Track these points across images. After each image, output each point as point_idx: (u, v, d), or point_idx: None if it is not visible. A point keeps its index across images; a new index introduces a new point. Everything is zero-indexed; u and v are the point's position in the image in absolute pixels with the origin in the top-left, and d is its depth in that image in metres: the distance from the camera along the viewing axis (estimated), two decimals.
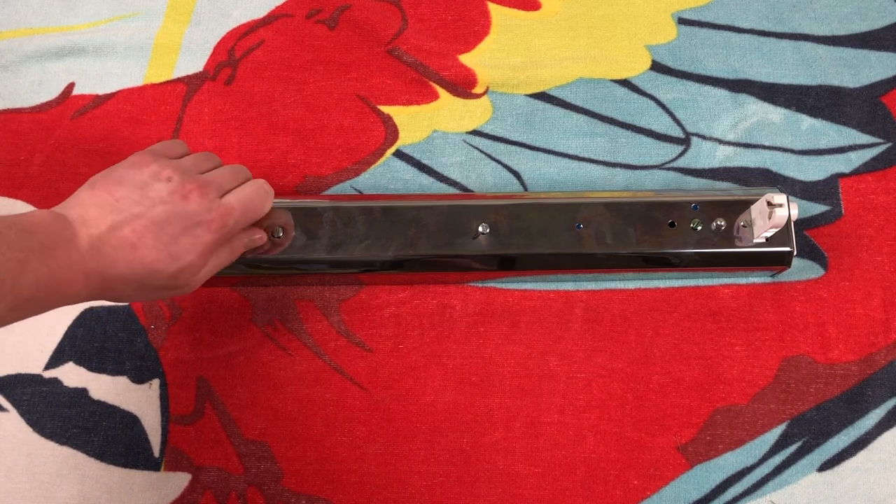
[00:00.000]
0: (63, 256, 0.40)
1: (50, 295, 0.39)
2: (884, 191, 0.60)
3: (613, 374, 0.56)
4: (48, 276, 0.39)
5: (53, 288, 0.39)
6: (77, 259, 0.40)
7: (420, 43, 0.64)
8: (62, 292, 0.40)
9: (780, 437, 0.54)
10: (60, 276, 0.39)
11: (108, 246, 0.41)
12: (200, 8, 0.66)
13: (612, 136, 0.62)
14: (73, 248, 0.40)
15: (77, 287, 0.40)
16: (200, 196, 0.45)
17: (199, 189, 0.45)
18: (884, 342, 0.56)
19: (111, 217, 0.42)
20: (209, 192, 0.45)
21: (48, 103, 0.63)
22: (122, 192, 0.43)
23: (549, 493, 0.54)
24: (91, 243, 0.41)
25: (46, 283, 0.39)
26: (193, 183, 0.45)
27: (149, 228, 0.42)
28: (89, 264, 0.41)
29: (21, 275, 0.37)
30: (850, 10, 0.65)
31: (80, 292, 0.41)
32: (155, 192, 0.44)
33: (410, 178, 0.61)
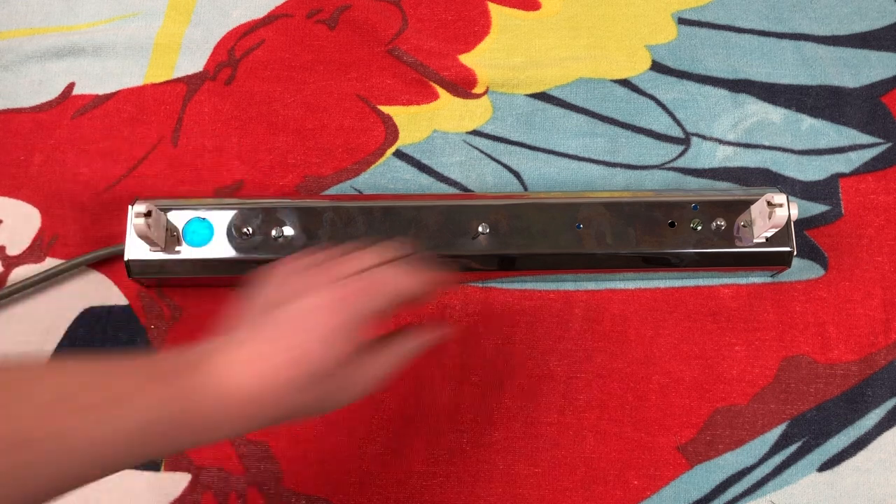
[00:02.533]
0: (192, 380, 0.35)
1: (194, 419, 0.35)
2: (884, 191, 0.60)
3: (613, 374, 0.56)
4: (184, 400, 0.34)
5: (198, 412, 0.35)
6: (209, 382, 0.35)
7: (420, 43, 0.64)
8: (218, 417, 0.35)
9: (780, 437, 0.54)
10: (195, 400, 0.35)
11: (237, 363, 0.36)
12: (200, 8, 0.66)
13: (612, 136, 0.62)
14: (202, 373, 0.35)
15: (231, 410, 0.35)
16: (324, 281, 0.39)
17: (324, 274, 0.39)
18: (884, 342, 0.56)
19: (251, 334, 0.37)
20: (333, 273, 0.39)
21: (48, 103, 0.63)
22: (260, 303, 0.39)
23: (549, 493, 0.54)
24: (225, 365, 0.36)
25: (183, 407, 0.34)
26: (315, 269, 0.40)
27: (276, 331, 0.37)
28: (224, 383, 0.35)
29: (143, 396, 0.33)
30: (850, 10, 0.65)
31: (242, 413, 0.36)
32: (283, 291, 0.39)
33: (410, 178, 0.61)
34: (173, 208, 0.55)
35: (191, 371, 0.34)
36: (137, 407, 0.32)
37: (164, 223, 0.54)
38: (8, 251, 0.59)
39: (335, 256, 0.42)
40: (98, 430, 0.31)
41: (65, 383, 0.32)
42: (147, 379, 0.33)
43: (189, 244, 0.55)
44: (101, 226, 0.60)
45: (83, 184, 0.61)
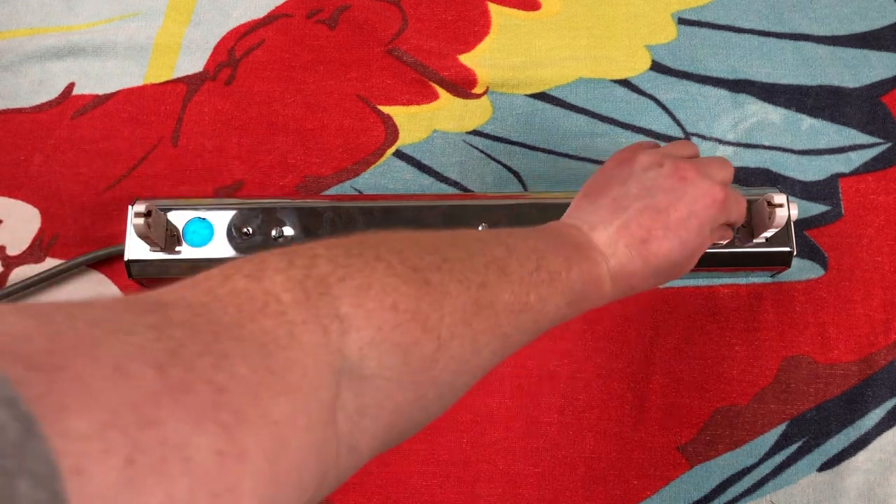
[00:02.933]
0: (591, 257, 0.40)
1: (589, 293, 0.39)
2: (884, 191, 0.60)
3: (613, 374, 0.56)
4: (587, 274, 0.39)
5: (592, 286, 0.39)
6: (601, 260, 0.40)
7: (420, 43, 0.64)
8: (598, 292, 0.40)
9: (780, 437, 0.54)
10: (594, 275, 0.39)
11: (620, 245, 0.41)
12: (200, 8, 0.66)
13: (612, 136, 0.62)
14: (595, 251, 0.40)
15: (606, 287, 0.40)
16: (698, 175, 0.42)
17: (694, 167, 0.43)
18: (884, 342, 0.56)
19: (615, 217, 0.41)
20: (705, 172, 0.43)
21: (48, 103, 0.63)
22: (617, 191, 0.42)
23: (549, 493, 0.54)
24: (606, 245, 0.41)
25: (587, 280, 0.39)
26: (687, 163, 0.43)
27: (655, 219, 0.41)
28: (610, 264, 0.40)
29: (569, 271, 0.38)
30: (850, 10, 0.65)
31: (608, 293, 0.41)
32: (651, 180, 0.42)
33: (410, 178, 0.61)
34: (173, 208, 0.55)
35: (593, 255, 0.40)
36: (568, 283, 0.37)
37: (164, 223, 0.54)
38: (8, 251, 0.59)
39: (685, 152, 0.47)
40: (554, 301, 0.36)
41: (525, 257, 0.36)
42: (565, 303, 0.37)
43: (189, 244, 0.55)
44: (101, 226, 0.60)
45: (83, 184, 0.61)
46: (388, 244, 0.32)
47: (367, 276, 0.29)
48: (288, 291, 0.27)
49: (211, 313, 0.24)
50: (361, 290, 0.29)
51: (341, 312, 0.28)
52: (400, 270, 0.30)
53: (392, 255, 0.31)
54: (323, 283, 0.28)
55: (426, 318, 0.30)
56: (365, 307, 0.28)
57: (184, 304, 0.24)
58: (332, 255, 0.29)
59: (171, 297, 0.25)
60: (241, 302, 0.25)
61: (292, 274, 0.27)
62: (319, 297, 0.27)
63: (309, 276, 0.28)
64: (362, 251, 0.31)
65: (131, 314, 0.22)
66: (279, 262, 0.28)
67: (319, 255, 0.29)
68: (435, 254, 0.33)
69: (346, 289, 0.28)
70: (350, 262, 0.29)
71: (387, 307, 0.29)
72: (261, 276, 0.27)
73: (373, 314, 0.29)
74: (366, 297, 0.29)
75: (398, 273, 0.30)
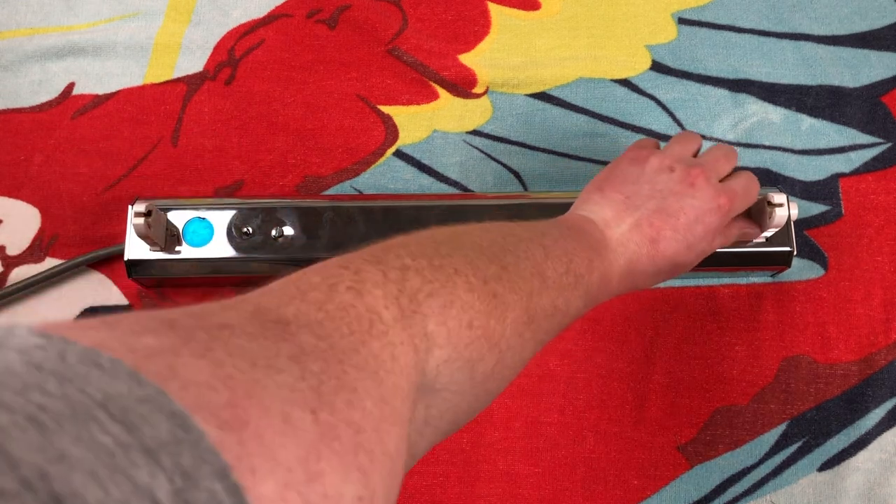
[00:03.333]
0: (606, 257, 0.41)
1: (601, 291, 0.40)
2: (884, 191, 0.60)
3: (613, 374, 0.56)
4: (602, 275, 0.40)
5: (604, 284, 0.40)
6: (613, 259, 0.41)
7: (420, 43, 0.64)
8: (606, 289, 0.41)
9: (780, 437, 0.54)
10: (607, 274, 0.41)
11: (631, 243, 0.42)
12: (200, 8, 0.66)
13: (612, 136, 0.62)
14: (609, 249, 0.42)
15: (613, 284, 0.41)
16: (706, 182, 0.44)
17: (703, 174, 0.44)
18: (884, 342, 0.56)
19: (628, 215, 0.43)
20: (712, 176, 0.45)
21: (48, 103, 0.63)
22: (630, 189, 0.44)
23: (549, 493, 0.54)
24: (618, 243, 0.42)
25: (601, 280, 0.40)
26: (697, 169, 0.45)
27: (665, 221, 0.43)
28: (620, 262, 0.42)
29: (591, 273, 0.39)
30: (850, 10, 0.65)
31: (614, 289, 0.42)
32: (662, 183, 0.44)
33: (410, 178, 0.61)
34: (173, 208, 0.55)
35: (607, 253, 0.41)
36: (588, 284, 0.39)
37: (164, 223, 0.54)
38: (8, 251, 0.59)
39: (691, 148, 0.48)
40: (576, 303, 0.38)
41: (558, 259, 0.37)
42: (583, 304, 0.39)
43: (189, 244, 0.55)
44: (101, 226, 0.60)
45: (83, 184, 0.61)
46: (462, 252, 0.33)
47: (449, 293, 0.31)
48: (387, 308, 0.28)
49: (330, 336, 0.25)
50: (445, 308, 0.30)
51: (428, 331, 0.29)
52: (475, 285, 0.32)
53: (467, 266, 0.32)
54: (414, 301, 0.29)
55: (493, 333, 0.32)
56: (447, 325, 0.30)
57: (304, 324, 0.25)
58: (419, 266, 0.31)
59: (289, 312, 0.25)
60: (351, 321, 0.26)
61: (389, 290, 0.28)
62: (412, 315, 0.29)
63: (403, 291, 0.29)
64: (442, 263, 0.32)
65: (268, 340, 0.23)
66: (375, 273, 0.29)
67: (408, 266, 0.30)
68: (496, 262, 0.34)
69: (433, 307, 0.30)
70: (435, 277, 0.31)
71: (464, 325, 0.30)
72: (361, 289, 0.28)
73: (453, 333, 0.30)
74: (448, 315, 0.30)
75: (474, 288, 0.32)
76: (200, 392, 0.19)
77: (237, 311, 0.24)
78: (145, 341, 0.19)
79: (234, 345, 0.21)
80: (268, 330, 0.24)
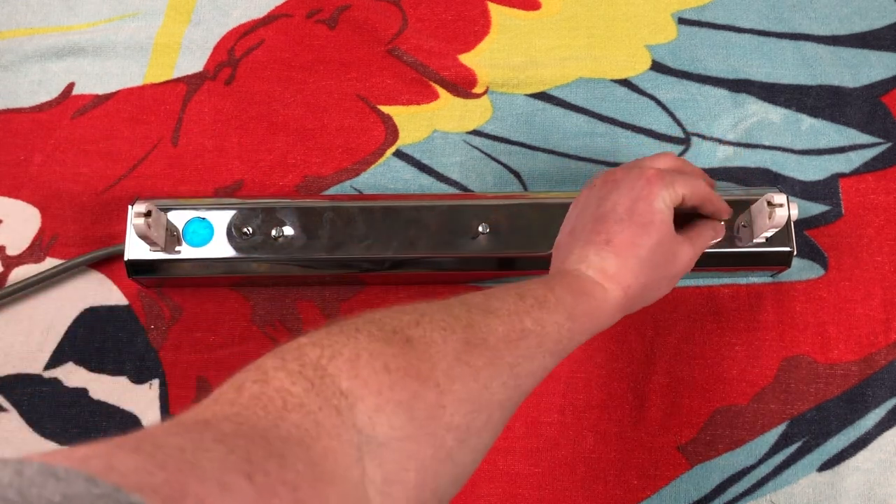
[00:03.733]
0: (569, 273, 0.42)
1: (586, 303, 0.41)
2: (884, 191, 0.60)
3: (613, 374, 0.56)
4: (574, 288, 0.41)
5: (585, 297, 0.41)
6: (580, 273, 0.42)
7: (420, 43, 0.64)
8: (596, 300, 0.41)
9: (780, 437, 0.54)
10: (581, 287, 0.41)
11: (590, 254, 0.43)
12: (200, 8, 0.66)
13: (612, 136, 0.62)
14: (571, 270, 0.43)
15: (602, 293, 0.42)
16: (626, 171, 0.45)
17: (622, 169, 0.46)
18: (884, 342, 0.56)
19: (577, 242, 0.44)
20: (632, 167, 0.46)
21: (48, 103, 0.63)
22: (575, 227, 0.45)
23: (549, 493, 0.54)
24: (578, 261, 0.43)
25: (577, 292, 0.41)
26: (615, 169, 0.46)
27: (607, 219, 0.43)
28: (590, 273, 0.42)
29: (552, 290, 0.40)
30: (850, 10, 0.65)
31: (610, 298, 0.42)
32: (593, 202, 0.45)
33: (410, 178, 0.61)
34: (173, 208, 0.55)
35: (586, 299, 0.41)
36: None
37: (164, 223, 0.54)
38: (8, 251, 0.59)
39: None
40: (552, 320, 0.38)
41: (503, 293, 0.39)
42: (565, 318, 0.39)
43: (189, 244, 0.55)
44: (101, 226, 0.60)
45: (83, 184, 0.61)
46: (364, 317, 0.34)
47: (352, 348, 0.31)
48: (294, 384, 0.29)
49: (248, 420, 0.27)
50: (352, 361, 0.31)
51: (343, 388, 0.30)
52: (380, 335, 0.32)
53: (370, 324, 0.33)
54: (318, 367, 0.30)
55: (417, 369, 0.32)
56: (361, 376, 0.30)
57: (222, 417, 0.27)
58: (315, 340, 0.31)
59: (206, 414, 0.27)
60: (265, 404, 0.28)
61: (290, 368, 0.30)
62: (321, 380, 0.29)
63: (304, 364, 0.30)
64: (342, 328, 0.32)
65: (193, 434, 0.25)
66: (274, 361, 0.30)
67: (304, 343, 0.31)
68: (412, 313, 0.35)
69: (339, 365, 0.30)
70: (334, 340, 0.31)
71: (379, 370, 0.31)
72: (265, 378, 0.29)
73: (369, 380, 0.30)
74: (358, 366, 0.30)
75: (379, 337, 0.32)
76: (139, 477, 0.21)
77: (160, 426, 0.26)
78: (81, 452, 0.21)
79: (161, 441, 0.23)
80: (189, 429, 0.25)
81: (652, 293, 0.44)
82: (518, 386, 0.36)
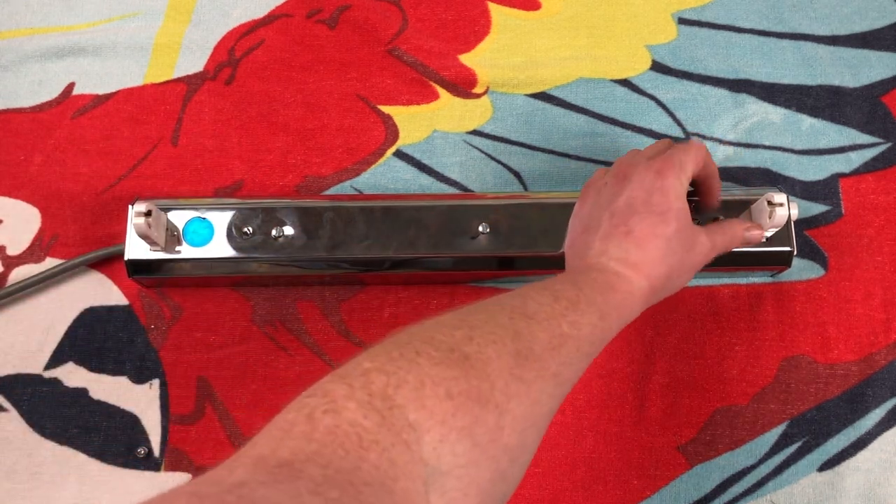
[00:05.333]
0: (594, 267, 0.42)
1: (614, 297, 0.41)
2: (884, 191, 0.60)
3: (613, 374, 0.56)
4: (600, 283, 0.41)
5: (612, 291, 0.41)
6: (603, 267, 0.42)
7: (420, 43, 0.64)
8: (622, 292, 0.41)
9: (780, 437, 0.54)
10: (606, 281, 0.41)
11: (612, 247, 0.43)
12: (200, 8, 0.66)
13: (612, 136, 0.62)
14: (594, 264, 0.43)
15: (626, 285, 0.42)
16: (632, 166, 0.45)
17: (629, 164, 0.46)
18: (884, 342, 0.56)
19: (594, 237, 0.44)
20: (638, 160, 0.46)
21: (48, 103, 0.63)
22: (588, 224, 0.45)
23: (549, 493, 0.54)
24: (599, 255, 0.43)
25: (604, 288, 0.41)
26: (621, 164, 0.46)
27: (625, 213, 0.43)
28: (612, 265, 0.42)
29: (581, 290, 0.39)
30: (850, 10, 0.65)
31: (636, 289, 0.42)
32: (605, 198, 0.45)
33: (410, 178, 0.61)
34: (173, 208, 0.55)
35: (613, 294, 0.40)
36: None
37: (164, 223, 0.54)
38: (8, 251, 0.59)
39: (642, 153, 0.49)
40: (586, 321, 0.38)
41: (539, 294, 0.38)
42: (598, 318, 0.39)
43: (189, 244, 0.55)
44: (101, 226, 0.60)
45: (83, 184, 0.61)
46: (419, 336, 0.33)
47: (416, 375, 0.31)
48: (366, 418, 0.29)
49: (331, 463, 0.27)
50: (417, 390, 0.30)
51: (411, 420, 0.29)
52: (439, 357, 0.32)
53: (427, 344, 0.32)
54: (386, 398, 0.30)
55: (478, 392, 0.31)
56: (426, 407, 0.30)
57: (304, 459, 0.27)
58: (378, 365, 0.31)
59: (284, 453, 0.27)
60: (343, 441, 0.28)
61: (359, 397, 0.29)
62: (390, 412, 0.29)
63: (372, 394, 0.30)
64: (402, 350, 0.32)
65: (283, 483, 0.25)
66: (342, 388, 0.30)
67: (369, 369, 0.31)
68: (462, 327, 0.34)
69: (406, 395, 0.30)
70: (398, 368, 0.31)
71: (443, 397, 0.30)
72: (336, 407, 0.29)
73: (434, 411, 0.30)
74: (423, 395, 0.30)
75: (439, 360, 0.32)
76: None
77: (242, 468, 0.26)
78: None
79: (259, 496, 0.23)
80: (277, 475, 0.25)
81: (674, 282, 0.44)
82: (561, 395, 0.36)
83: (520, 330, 0.35)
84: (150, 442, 0.55)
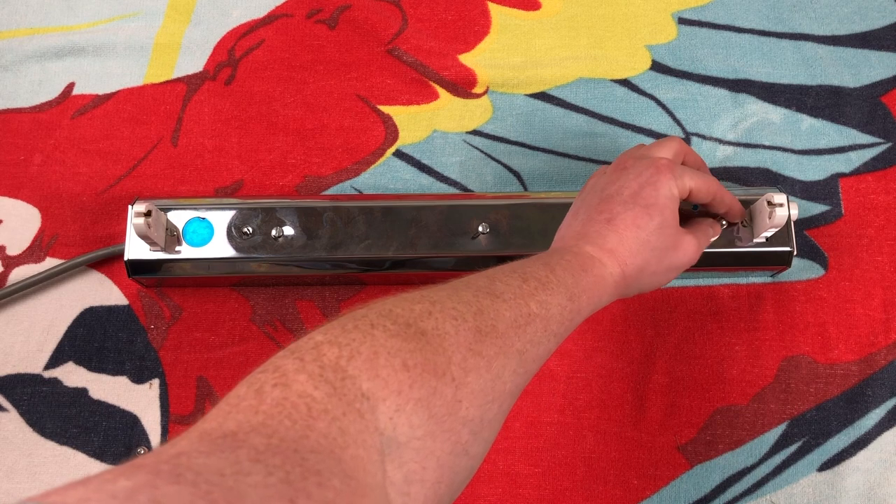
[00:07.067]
0: (569, 250, 0.43)
1: (585, 280, 0.41)
2: (884, 191, 0.60)
3: (613, 374, 0.56)
4: (573, 265, 0.41)
5: (584, 274, 0.41)
6: (579, 250, 0.43)
7: (420, 43, 0.64)
8: (594, 276, 0.42)
9: (780, 437, 0.54)
10: (579, 263, 0.41)
11: (591, 231, 0.44)
12: (200, 8, 0.66)
13: (611, 136, 0.62)
14: (570, 247, 0.43)
15: (599, 269, 0.42)
16: (635, 159, 0.46)
17: (632, 157, 0.46)
18: (884, 342, 0.56)
19: (578, 221, 0.45)
20: (643, 155, 0.46)
21: (48, 103, 0.63)
22: (582, 211, 0.46)
23: (549, 493, 0.54)
24: (578, 237, 0.44)
25: (576, 270, 0.41)
26: (625, 157, 0.46)
27: (612, 202, 0.44)
28: (587, 248, 0.43)
29: (553, 270, 0.40)
30: (850, 10, 0.65)
31: (608, 274, 0.42)
32: (601, 186, 0.46)
33: (410, 178, 0.61)
34: (173, 208, 0.55)
35: (584, 275, 0.41)
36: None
37: (164, 223, 0.54)
38: (8, 251, 0.59)
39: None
40: (555, 301, 0.38)
41: (507, 275, 0.39)
42: (567, 298, 0.39)
43: (189, 244, 0.55)
44: (101, 226, 0.60)
45: (83, 184, 0.61)
46: (376, 309, 0.33)
47: (370, 346, 0.31)
48: (317, 388, 0.28)
49: (276, 432, 0.26)
50: (371, 360, 0.30)
51: (364, 390, 0.29)
52: (395, 330, 0.32)
53: (383, 318, 0.32)
54: (338, 369, 0.29)
55: (434, 364, 0.31)
56: (381, 376, 0.30)
57: (249, 430, 0.26)
58: (331, 338, 0.31)
59: (230, 424, 0.27)
60: (289, 412, 0.27)
61: (310, 369, 0.29)
62: (342, 382, 0.29)
63: (324, 365, 0.29)
64: (356, 323, 0.32)
65: (227, 453, 0.24)
66: (293, 362, 0.29)
67: (321, 342, 0.31)
68: (422, 301, 0.34)
69: (359, 365, 0.30)
70: (350, 338, 0.31)
71: (398, 368, 0.30)
72: (286, 381, 0.28)
73: (389, 380, 0.30)
74: (377, 366, 0.30)
75: (395, 333, 0.32)
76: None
77: (186, 440, 0.25)
78: (122, 484, 0.21)
79: (197, 464, 0.23)
80: (219, 445, 0.25)
81: (649, 279, 0.44)
82: (526, 372, 0.36)
83: (483, 307, 0.35)
84: (150, 442, 0.55)
